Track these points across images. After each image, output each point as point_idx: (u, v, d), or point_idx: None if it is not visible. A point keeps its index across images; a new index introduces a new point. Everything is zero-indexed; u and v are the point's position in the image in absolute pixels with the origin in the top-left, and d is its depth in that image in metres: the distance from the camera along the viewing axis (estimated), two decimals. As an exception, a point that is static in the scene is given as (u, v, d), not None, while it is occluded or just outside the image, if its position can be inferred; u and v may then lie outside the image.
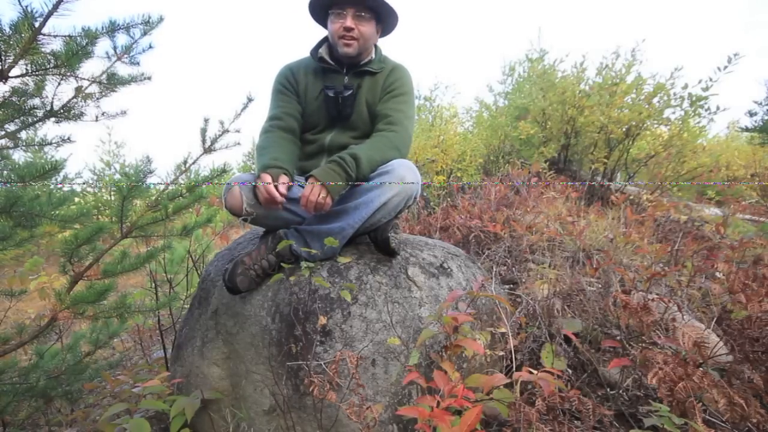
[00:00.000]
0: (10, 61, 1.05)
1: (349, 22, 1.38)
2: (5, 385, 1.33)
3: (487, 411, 1.17)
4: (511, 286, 1.95)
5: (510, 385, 1.17)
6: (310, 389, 0.99)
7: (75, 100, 1.30)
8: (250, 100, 1.43)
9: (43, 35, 1.03)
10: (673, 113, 3.80)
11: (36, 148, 1.46)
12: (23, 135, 1.34)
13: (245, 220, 1.32)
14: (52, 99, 1.26)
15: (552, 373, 1.01)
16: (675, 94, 3.67)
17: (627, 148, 3.98)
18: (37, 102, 1.27)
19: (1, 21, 1.00)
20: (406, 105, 1.48)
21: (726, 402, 1.01)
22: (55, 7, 0.98)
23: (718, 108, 3.61)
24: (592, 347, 1.49)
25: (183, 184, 1.45)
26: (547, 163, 4.07)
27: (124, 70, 1.33)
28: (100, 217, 5.28)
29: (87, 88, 1.29)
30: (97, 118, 1.39)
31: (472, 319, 1.05)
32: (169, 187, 1.42)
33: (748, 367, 1.18)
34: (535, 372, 1.00)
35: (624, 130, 3.79)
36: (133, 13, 1.20)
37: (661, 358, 1.11)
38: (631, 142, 3.94)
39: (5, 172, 1.21)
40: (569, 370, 1.40)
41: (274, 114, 1.49)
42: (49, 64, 1.11)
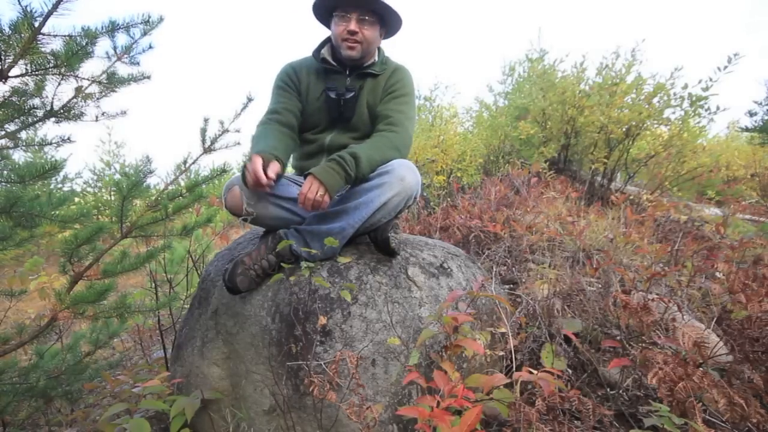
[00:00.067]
0: (9, 60, 1.05)
1: (353, 25, 1.38)
2: (5, 385, 1.33)
3: (487, 411, 1.17)
4: (511, 286, 1.95)
5: (510, 385, 1.17)
6: (310, 389, 0.99)
7: (75, 100, 1.30)
8: (250, 100, 1.43)
9: (43, 35, 1.03)
10: (673, 113, 3.80)
11: (36, 148, 1.46)
12: (23, 135, 1.33)
13: (245, 220, 1.32)
14: (52, 99, 1.26)
15: (552, 373, 1.01)
16: (675, 94, 3.67)
17: (627, 148, 3.98)
18: (37, 102, 1.26)
19: (0, 21, 1.00)
20: (407, 106, 1.48)
21: (726, 402, 1.01)
22: (55, 7, 0.98)
23: (718, 108, 3.61)
24: (592, 347, 1.49)
25: (183, 184, 1.45)
26: (547, 163, 4.07)
27: (124, 70, 1.33)
28: (100, 217, 5.28)
29: (87, 88, 1.29)
30: (97, 118, 1.39)
31: (472, 319, 1.05)
32: (169, 187, 1.42)
33: (748, 367, 1.18)
34: (535, 372, 1.00)
35: (624, 130, 3.79)
36: (133, 13, 1.20)
37: (661, 358, 1.11)
38: (631, 142, 3.94)
39: (5, 172, 1.21)
40: (569, 370, 1.40)
41: (272, 108, 1.48)
42: (49, 64, 1.11)
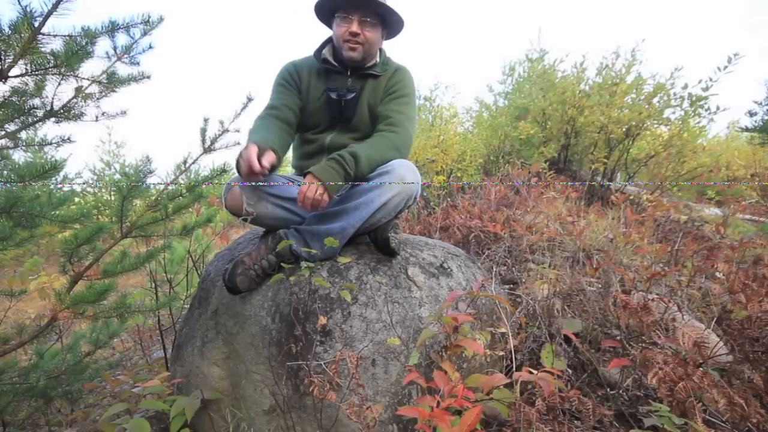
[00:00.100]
0: (9, 60, 1.05)
1: (355, 27, 1.38)
2: (5, 385, 1.33)
3: (487, 411, 1.17)
4: (511, 286, 1.95)
5: (510, 385, 1.17)
6: (310, 389, 0.99)
7: (75, 100, 1.30)
8: (250, 100, 1.43)
9: (43, 35, 1.03)
10: (673, 113, 3.80)
11: (36, 148, 1.46)
12: (23, 135, 1.33)
13: (245, 220, 1.32)
14: (52, 99, 1.26)
15: (552, 373, 1.01)
16: (675, 94, 3.67)
17: (627, 148, 3.98)
18: (37, 102, 1.26)
19: (0, 21, 1.00)
20: (408, 107, 1.48)
21: (726, 402, 1.01)
22: (55, 7, 0.98)
23: (718, 108, 3.61)
24: (592, 347, 1.49)
25: (183, 183, 1.45)
26: (547, 163, 4.07)
27: (124, 70, 1.33)
28: (100, 217, 5.28)
29: (87, 88, 1.29)
30: (97, 118, 1.39)
31: (472, 319, 1.05)
32: (169, 187, 1.42)
33: (748, 367, 1.18)
34: (535, 372, 1.00)
35: (624, 130, 3.79)
36: (133, 13, 1.20)
37: (661, 358, 1.11)
38: (631, 142, 3.94)
39: (5, 172, 1.21)
40: (569, 370, 1.40)
41: (271, 104, 1.48)
42: (49, 63, 1.11)
